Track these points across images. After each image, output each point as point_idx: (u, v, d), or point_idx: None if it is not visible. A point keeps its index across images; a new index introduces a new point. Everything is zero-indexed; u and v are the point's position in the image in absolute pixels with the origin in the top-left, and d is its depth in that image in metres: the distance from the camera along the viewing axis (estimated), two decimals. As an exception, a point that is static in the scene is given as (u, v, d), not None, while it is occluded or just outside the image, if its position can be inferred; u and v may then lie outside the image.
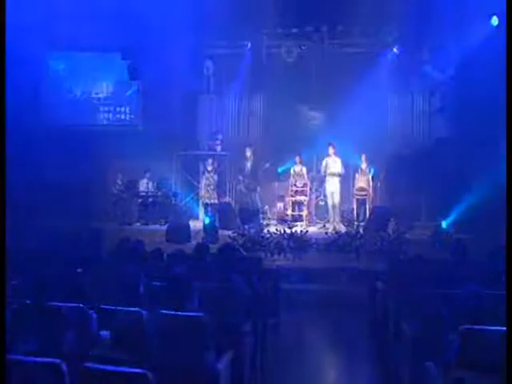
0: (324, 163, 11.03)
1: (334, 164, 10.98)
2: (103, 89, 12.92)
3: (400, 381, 4.42)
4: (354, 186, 11.45)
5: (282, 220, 11.30)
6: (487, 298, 3.33)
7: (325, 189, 11.27)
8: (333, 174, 10.96)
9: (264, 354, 5.33)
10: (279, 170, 12.06)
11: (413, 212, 10.96)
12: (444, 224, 9.83)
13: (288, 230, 9.70)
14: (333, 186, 10.99)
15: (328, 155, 11.01)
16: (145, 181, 12.04)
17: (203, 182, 11.80)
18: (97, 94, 12.92)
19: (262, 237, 9.58)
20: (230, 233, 9.88)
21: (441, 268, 5.06)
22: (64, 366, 2.79)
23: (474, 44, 11.02)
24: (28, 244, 5.84)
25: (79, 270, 4.77)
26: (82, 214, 10.78)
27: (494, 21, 11.19)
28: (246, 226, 10.04)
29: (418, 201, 11.40)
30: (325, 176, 11.08)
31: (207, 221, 10.50)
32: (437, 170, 10.85)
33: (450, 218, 9.99)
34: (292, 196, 11.44)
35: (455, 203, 10.17)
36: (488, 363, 2.78)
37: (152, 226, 11.13)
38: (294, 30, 12.02)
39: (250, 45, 12.31)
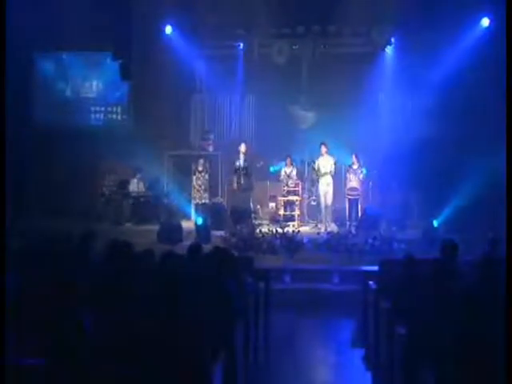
0: (317, 163, 11.06)
1: (326, 164, 11.01)
2: (94, 89, 12.86)
3: (392, 382, 4.42)
4: (345, 186, 11.47)
5: (274, 220, 11.31)
6: (482, 298, 3.33)
7: (317, 189, 11.29)
8: (326, 174, 10.98)
9: (256, 354, 5.32)
10: (271, 169, 12.07)
11: (404, 211, 11.01)
12: (435, 223, 9.87)
13: (280, 230, 9.69)
14: (326, 186, 11.01)
15: (321, 155, 11.05)
16: (136, 181, 12.00)
17: (195, 182, 11.78)
18: (87, 94, 12.86)
19: (254, 237, 9.58)
20: (222, 233, 9.87)
21: (432, 267, 5.07)
22: (56, 367, 2.77)
23: (465, 44, 11.11)
24: (17, 243, 5.79)
25: (71, 271, 4.73)
26: (72, 214, 10.73)
27: (484, 22, 11.29)
28: (238, 226, 10.03)
29: (410, 200, 11.45)
30: (317, 176, 11.10)
31: (199, 221, 10.47)
32: (429, 170, 10.90)
33: (442, 218, 10.03)
34: (284, 196, 11.44)
35: (447, 203, 10.22)
36: (483, 364, 2.79)
37: (143, 226, 11.09)
38: (286, 30, 12.03)
39: (241, 45, 12.31)
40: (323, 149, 11.00)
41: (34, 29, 11.05)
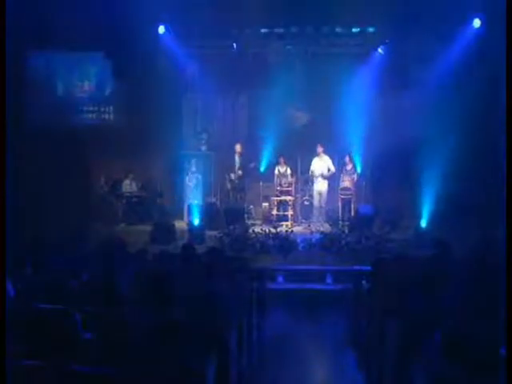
0: (312, 163, 11.08)
1: (322, 164, 11.03)
2: (86, 88, 12.80)
3: (385, 380, 4.44)
4: (338, 186, 11.50)
5: (267, 220, 11.31)
6: (474, 296, 3.36)
7: (312, 188, 11.31)
8: (321, 174, 11.01)
9: (250, 354, 5.32)
10: (262, 169, 12.07)
11: (397, 211, 11.04)
12: (428, 223, 9.92)
13: (273, 230, 9.71)
14: (321, 186, 11.05)
15: (316, 155, 11.07)
16: (129, 181, 11.97)
17: (187, 182, 11.76)
18: (80, 93, 12.79)
19: (248, 237, 9.59)
20: (215, 233, 9.87)
21: (425, 267, 5.09)
22: (49, 368, 2.76)
23: (457, 45, 11.17)
24: (12, 243, 5.78)
25: (64, 271, 4.72)
26: (66, 215, 10.67)
27: (476, 23, 11.35)
28: (231, 227, 10.03)
29: (403, 200, 11.48)
30: (312, 176, 11.12)
31: (192, 221, 10.46)
32: (423, 170, 10.94)
33: (435, 217, 10.08)
34: (277, 196, 11.44)
35: (440, 202, 10.26)
36: (475, 362, 2.80)
37: (137, 227, 11.06)
38: (279, 30, 12.03)
39: (235, 45, 12.30)
40: (319, 148, 11.03)
41: (26, 28, 10.99)
